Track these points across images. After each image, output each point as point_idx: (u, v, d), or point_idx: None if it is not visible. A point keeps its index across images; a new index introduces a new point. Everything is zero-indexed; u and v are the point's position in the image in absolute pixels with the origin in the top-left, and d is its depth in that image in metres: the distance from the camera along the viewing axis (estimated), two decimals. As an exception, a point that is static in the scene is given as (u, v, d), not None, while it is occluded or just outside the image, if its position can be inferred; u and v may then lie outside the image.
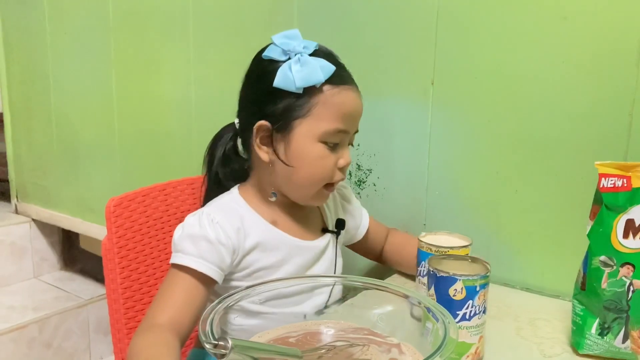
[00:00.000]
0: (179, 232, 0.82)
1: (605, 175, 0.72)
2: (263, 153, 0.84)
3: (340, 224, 0.95)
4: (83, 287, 1.95)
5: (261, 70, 0.83)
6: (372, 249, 1.06)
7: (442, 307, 0.65)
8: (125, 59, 1.60)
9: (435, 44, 1.03)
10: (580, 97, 0.89)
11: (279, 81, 0.79)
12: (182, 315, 0.77)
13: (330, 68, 0.80)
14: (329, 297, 0.86)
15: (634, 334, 0.71)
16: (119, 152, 1.65)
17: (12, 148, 2.03)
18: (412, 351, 0.64)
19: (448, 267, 0.73)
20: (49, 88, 1.83)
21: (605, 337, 0.73)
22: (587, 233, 0.74)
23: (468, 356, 0.72)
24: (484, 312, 0.72)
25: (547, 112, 0.93)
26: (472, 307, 0.70)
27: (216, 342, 0.47)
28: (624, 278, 0.71)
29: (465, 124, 1.02)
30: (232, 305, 0.61)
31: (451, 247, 0.83)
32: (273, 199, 0.86)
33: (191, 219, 0.83)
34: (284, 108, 0.81)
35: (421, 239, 0.86)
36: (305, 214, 0.91)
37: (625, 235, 0.71)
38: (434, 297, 0.72)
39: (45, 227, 2.00)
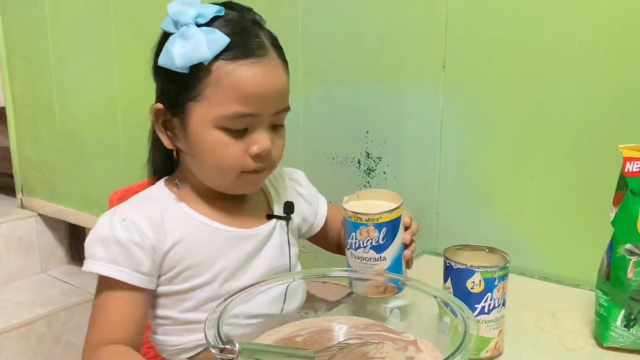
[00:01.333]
0: (90, 234, 0.72)
1: (630, 159, 0.68)
2: (164, 138, 0.74)
3: (289, 208, 0.83)
4: (91, 281, 1.93)
5: (157, 44, 0.73)
6: (333, 238, 0.94)
7: (460, 301, 0.62)
8: (127, 50, 1.57)
9: (445, 26, 0.99)
10: (600, 78, 0.85)
11: (163, 59, 0.69)
12: (121, 330, 0.70)
13: (222, 41, 0.67)
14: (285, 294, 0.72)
15: (662, 325, 0.68)
16: (123, 144, 1.63)
17: (15, 142, 2.01)
18: (430, 348, 0.61)
19: (465, 259, 0.70)
20: (51, 81, 1.80)
21: (631, 329, 0.69)
22: (611, 220, 0.70)
23: (487, 351, 0.69)
24: (503, 304, 0.69)
25: (565, 94, 0.89)
26: (491, 300, 0.67)
27: (223, 347, 0.44)
28: (651, 267, 0.67)
29: (479, 108, 0.98)
30: (234, 306, 0.58)
31: (380, 213, 0.69)
32: (176, 188, 0.77)
33: (103, 218, 0.73)
34: (175, 90, 0.71)
35: (345, 206, 0.72)
36: (245, 200, 0.80)
37: (652, 222, 0.67)
38: (451, 290, 0.69)
39: (51, 222, 1.98)
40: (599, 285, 0.73)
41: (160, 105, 0.73)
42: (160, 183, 0.79)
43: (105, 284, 0.71)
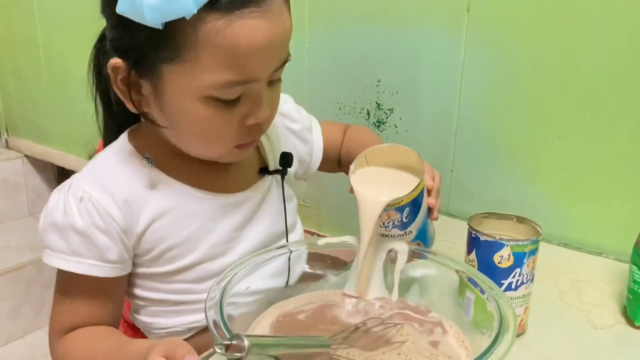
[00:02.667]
0: (42, 218, 0.60)
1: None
2: (128, 102, 0.58)
3: (287, 160, 0.70)
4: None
5: None
6: (332, 161, 0.82)
7: (487, 278, 0.56)
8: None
9: (473, -37, 0.89)
10: (638, 26, 0.76)
11: (124, 6, 0.50)
12: (88, 320, 0.62)
13: None
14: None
15: (703, 307, 0.62)
16: (112, 84, 1.53)
17: (-3, 78, 1.90)
18: (455, 331, 0.55)
19: (491, 228, 0.64)
20: (33, 13, 1.68)
21: (668, 309, 0.64)
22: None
23: (511, 329, 0.63)
24: (532, 280, 0.63)
25: (603, 43, 0.80)
26: (519, 275, 0.61)
27: (229, 343, 0.37)
28: (697, 244, 0.61)
29: (504, 58, 0.89)
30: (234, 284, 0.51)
31: (400, 198, 0.57)
32: (147, 165, 0.61)
33: (54, 197, 0.60)
34: (144, 43, 0.53)
35: (354, 182, 0.59)
36: None
37: (703, 195, 0.60)
38: (475, 263, 0.63)
39: (39, 163, 1.90)
40: (634, 259, 0.67)
41: (119, 62, 0.56)
42: (123, 139, 0.64)
43: (69, 277, 0.60)
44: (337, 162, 0.84)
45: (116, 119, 0.66)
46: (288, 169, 0.71)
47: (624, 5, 0.77)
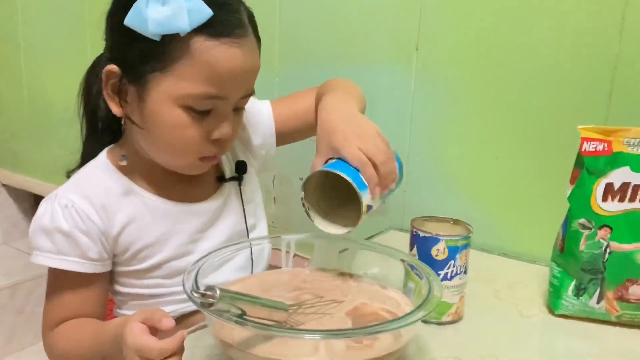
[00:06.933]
0: (32, 224, 0.69)
1: (588, 139, 0.72)
2: (114, 105, 0.68)
3: (241, 167, 0.79)
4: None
5: None
6: (299, 130, 0.87)
7: (426, 265, 0.66)
8: (99, 19, 1.54)
9: (420, 8, 1.02)
10: (564, 62, 0.90)
11: (132, 20, 0.61)
12: (77, 313, 0.70)
13: (204, 13, 0.61)
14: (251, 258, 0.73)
15: (609, 294, 0.73)
16: (93, 115, 1.61)
17: (-21, 110, 1.96)
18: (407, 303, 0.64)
19: (430, 228, 0.74)
20: (18, 47, 1.76)
21: (580, 298, 0.74)
22: (567, 196, 0.75)
23: (449, 315, 0.73)
24: (465, 272, 0.73)
25: (529, 78, 0.93)
26: (453, 267, 0.71)
27: (204, 292, 0.46)
28: (601, 240, 0.72)
29: (449, 90, 1.02)
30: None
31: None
32: (123, 162, 0.71)
33: (43, 206, 0.69)
34: (139, 54, 0.64)
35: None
36: None
37: (605, 199, 0.72)
38: (416, 256, 0.72)
39: (16, 193, 1.95)
40: (553, 257, 0.78)
41: (115, 68, 0.66)
42: (102, 156, 0.74)
43: (57, 275, 0.70)
44: (305, 130, 0.87)
45: (98, 140, 0.76)
46: (248, 174, 0.81)
47: (551, 44, 0.90)
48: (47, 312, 0.71)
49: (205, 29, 0.62)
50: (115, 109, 0.68)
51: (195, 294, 0.46)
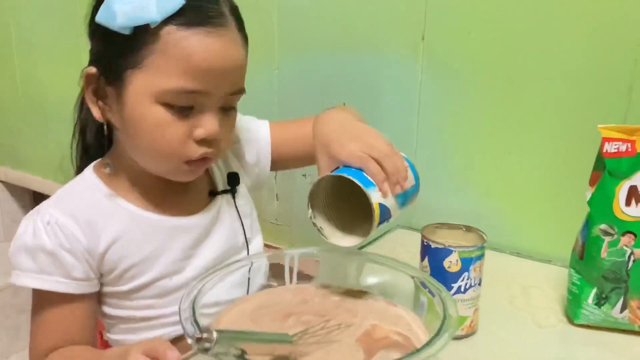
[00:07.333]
0: (12, 243, 0.65)
1: (609, 140, 0.68)
2: (95, 109, 0.65)
3: (234, 180, 0.75)
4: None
5: None
6: (298, 157, 0.82)
7: (437, 281, 0.62)
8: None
9: (426, -4, 0.96)
10: (580, 54, 0.84)
11: (102, 16, 0.59)
12: (69, 341, 0.65)
13: (175, 2, 0.58)
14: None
15: (633, 304, 0.69)
16: (89, 110, 1.57)
17: (-26, 105, 1.92)
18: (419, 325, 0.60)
19: (442, 237, 0.70)
20: (10, 41, 1.71)
21: (602, 307, 0.70)
22: (587, 200, 0.70)
23: (462, 329, 0.69)
24: (479, 284, 0.69)
25: (545, 70, 0.88)
26: (467, 279, 0.67)
27: (199, 336, 0.42)
28: (624, 247, 0.68)
29: (457, 82, 0.97)
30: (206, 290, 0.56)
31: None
32: (107, 170, 0.68)
33: (24, 223, 0.65)
34: (113, 52, 0.61)
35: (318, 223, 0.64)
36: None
37: (628, 203, 0.67)
38: (428, 268, 0.69)
39: (15, 189, 1.92)
40: (572, 264, 0.74)
41: (93, 70, 0.64)
42: (89, 170, 0.70)
43: (41, 296, 0.65)
44: (304, 159, 0.82)
45: (91, 158, 0.72)
46: (241, 187, 0.77)
47: (568, 34, 0.85)
48: (35, 339, 0.67)
49: (177, 18, 0.59)
50: (96, 114, 0.65)
51: (189, 339, 0.42)
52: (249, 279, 0.65)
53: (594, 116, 0.83)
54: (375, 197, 0.61)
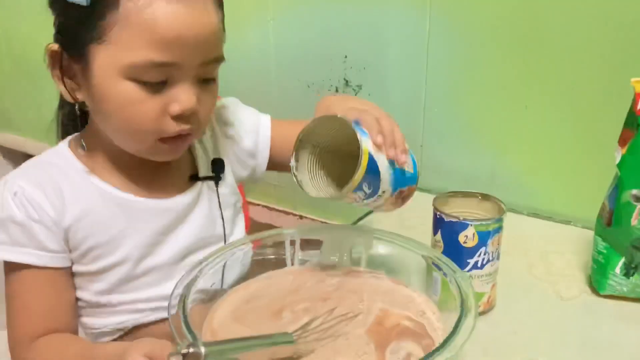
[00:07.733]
0: None
1: (644, 95, 0.60)
2: (63, 89, 0.60)
3: (218, 166, 0.71)
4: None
5: None
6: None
7: (450, 261, 0.56)
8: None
9: None
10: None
11: None
12: (51, 319, 0.61)
13: None
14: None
15: (665, 274, 0.64)
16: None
17: (-41, 67, 1.84)
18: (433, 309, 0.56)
19: (455, 208, 0.64)
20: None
21: (631, 278, 0.65)
22: (617, 162, 0.64)
23: (480, 305, 0.64)
24: (497, 258, 0.64)
25: (568, 13, 0.79)
26: (484, 254, 0.62)
27: (186, 351, 0.37)
28: (658, 214, 0.62)
29: (469, 31, 0.88)
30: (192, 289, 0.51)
31: (347, 189, 0.54)
32: (80, 150, 0.64)
33: None
34: (73, 27, 0.56)
35: (297, 173, 0.59)
36: (165, 162, 0.65)
37: (663, 166, 0.61)
38: (441, 243, 0.63)
39: (9, 153, 1.87)
40: (598, 231, 0.68)
41: (55, 46, 0.58)
42: (63, 144, 0.66)
43: (15, 271, 0.61)
44: None
45: (70, 132, 0.68)
46: (226, 178, 0.71)
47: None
48: (15, 325, 0.62)
49: None
50: (65, 93, 0.60)
51: (173, 357, 0.37)
52: (223, 271, 0.59)
53: (625, 67, 0.75)
54: (366, 144, 0.54)
